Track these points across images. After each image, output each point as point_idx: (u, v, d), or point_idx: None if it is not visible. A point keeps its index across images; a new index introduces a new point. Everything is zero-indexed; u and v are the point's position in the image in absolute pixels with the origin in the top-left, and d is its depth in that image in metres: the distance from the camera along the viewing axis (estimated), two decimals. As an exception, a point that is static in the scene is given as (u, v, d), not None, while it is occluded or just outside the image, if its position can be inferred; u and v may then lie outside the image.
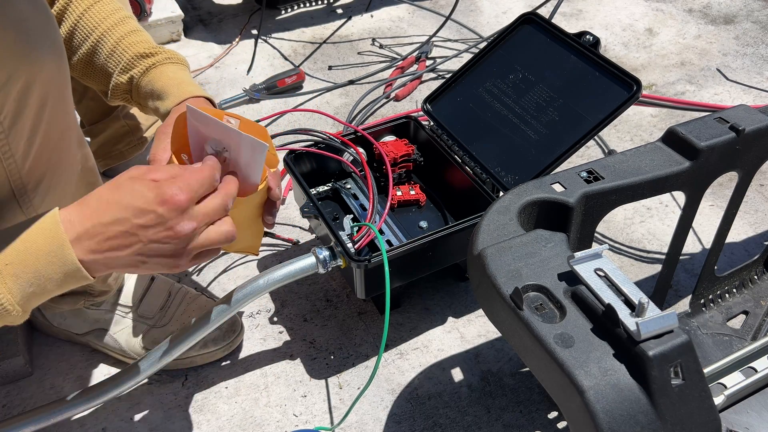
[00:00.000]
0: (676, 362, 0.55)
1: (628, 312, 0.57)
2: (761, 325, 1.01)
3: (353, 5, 1.92)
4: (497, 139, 1.06)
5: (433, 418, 0.93)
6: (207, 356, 0.98)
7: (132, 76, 0.81)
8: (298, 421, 0.93)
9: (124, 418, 0.93)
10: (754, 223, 1.24)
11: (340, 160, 1.06)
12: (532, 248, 0.66)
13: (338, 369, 0.99)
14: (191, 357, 0.97)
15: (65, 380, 0.97)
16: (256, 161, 0.66)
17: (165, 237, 0.58)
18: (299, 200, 1.08)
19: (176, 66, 0.82)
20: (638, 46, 1.75)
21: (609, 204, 0.76)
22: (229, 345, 0.99)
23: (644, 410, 0.54)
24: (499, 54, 1.13)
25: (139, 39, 0.82)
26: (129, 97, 0.83)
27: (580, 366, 0.55)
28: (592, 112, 0.98)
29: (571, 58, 1.04)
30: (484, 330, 1.05)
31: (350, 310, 1.08)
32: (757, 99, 1.55)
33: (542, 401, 0.94)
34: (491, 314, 0.67)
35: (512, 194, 0.73)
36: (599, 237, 1.21)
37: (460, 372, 0.99)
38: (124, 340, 0.95)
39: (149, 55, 0.81)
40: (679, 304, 1.09)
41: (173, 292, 1.00)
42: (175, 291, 1.00)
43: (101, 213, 0.57)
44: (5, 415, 0.93)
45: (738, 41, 1.76)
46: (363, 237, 0.90)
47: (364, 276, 0.89)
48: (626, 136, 1.45)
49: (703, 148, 0.79)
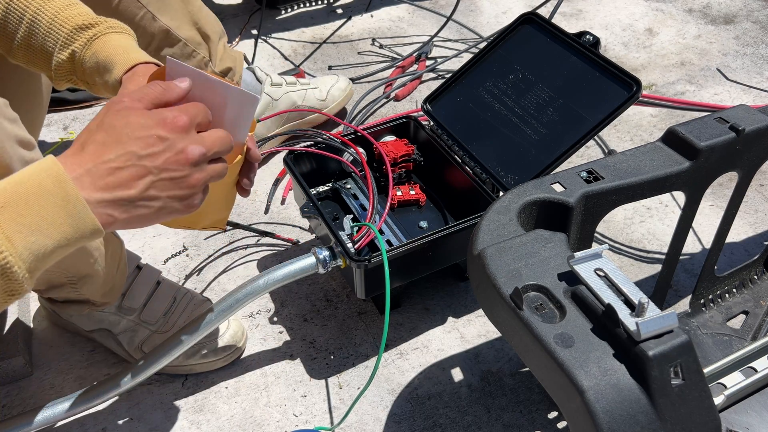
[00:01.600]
0: (676, 362, 0.55)
1: (628, 312, 0.57)
2: (761, 325, 1.01)
3: (353, 5, 1.92)
4: (497, 139, 1.06)
5: (433, 418, 0.93)
6: (206, 365, 0.97)
7: (73, 51, 0.73)
8: (298, 421, 0.93)
9: (124, 418, 0.93)
10: (754, 223, 1.24)
11: (340, 160, 1.06)
12: (532, 248, 0.66)
13: (338, 369, 0.99)
14: (191, 365, 0.96)
15: (65, 380, 0.97)
16: (245, 116, 0.60)
17: (175, 162, 0.54)
18: (299, 200, 1.08)
19: (120, 35, 0.74)
20: (638, 46, 1.75)
21: (609, 204, 0.76)
22: (229, 356, 0.98)
23: (644, 410, 0.54)
24: (499, 54, 1.13)
25: (77, 12, 0.74)
26: (74, 76, 0.76)
27: (580, 366, 0.55)
28: (592, 112, 0.98)
29: (571, 58, 1.04)
30: (484, 330, 1.05)
31: (350, 310, 1.08)
32: (757, 99, 1.55)
33: (542, 401, 0.94)
34: (491, 314, 0.67)
35: (512, 194, 0.73)
36: (599, 237, 1.21)
37: (460, 372, 0.99)
38: (126, 343, 0.95)
39: (89, 26, 0.73)
40: (679, 304, 1.09)
41: (178, 297, 0.98)
42: (180, 296, 0.98)
43: (102, 153, 0.52)
44: (5, 415, 0.93)
45: (738, 41, 1.76)
46: (363, 237, 0.90)
47: (364, 276, 0.89)
48: (626, 136, 1.45)
49: (703, 148, 0.79)
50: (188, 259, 1.16)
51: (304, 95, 1.39)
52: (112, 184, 0.52)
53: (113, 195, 0.52)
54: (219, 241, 1.20)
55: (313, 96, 1.40)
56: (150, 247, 1.18)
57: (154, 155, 0.53)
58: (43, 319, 1.05)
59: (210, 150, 0.56)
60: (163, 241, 1.19)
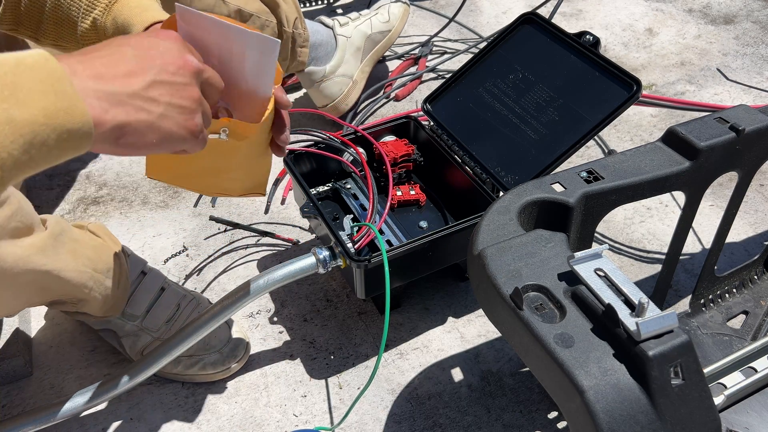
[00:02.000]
0: (676, 362, 0.55)
1: (628, 312, 0.57)
2: (761, 325, 1.01)
3: (353, 5, 1.92)
4: (497, 139, 1.06)
5: (433, 418, 0.93)
6: (205, 377, 0.96)
7: (95, 18, 0.70)
8: (298, 421, 0.93)
9: (124, 418, 0.93)
10: (754, 223, 1.24)
11: (340, 160, 1.06)
12: (532, 248, 0.66)
13: (338, 369, 0.99)
14: (190, 374, 0.95)
15: (65, 380, 0.97)
16: (267, 66, 0.54)
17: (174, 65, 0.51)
18: (299, 200, 1.08)
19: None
20: (638, 46, 1.75)
21: (609, 204, 0.76)
22: (228, 369, 0.97)
23: (644, 410, 0.54)
24: (499, 54, 1.13)
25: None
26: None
27: (580, 366, 0.55)
28: (592, 112, 0.98)
29: (571, 58, 1.04)
30: (484, 330, 1.05)
31: (350, 310, 1.08)
32: (757, 99, 1.55)
33: (542, 401, 0.94)
34: (491, 314, 0.67)
35: (512, 194, 0.73)
36: (599, 237, 1.21)
37: (460, 372, 0.99)
38: (128, 347, 0.95)
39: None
40: (679, 304, 1.09)
41: (183, 304, 0.96)
42: (185, 303, 0.97)
43: (97, 50, 0.48)
44: (5, 415, 0.93)
45: (738, 41, 1.76)
46: (363, 237, 0.90)
47: (364, 276, 0.89)
48: (626, 136, 1.45)
49: (703, 148, 0.79)
50: (188, 259, 1.16)
51: (371, 24, 1.46)
52: (110, 75, 0.46)
53: (111, 86, 0.46)
54: (219, 241, 1.20)
55: (378, 21, 1.47)
56: (150, 247, 1.18)
57: (153, 57, 0.49)
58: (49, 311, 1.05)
59: (206, 70, 0.53)
60: (163, 241, 1.19)
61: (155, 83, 0.49)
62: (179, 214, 1.25)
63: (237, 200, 1.28)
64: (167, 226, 1.22)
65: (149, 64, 0.49)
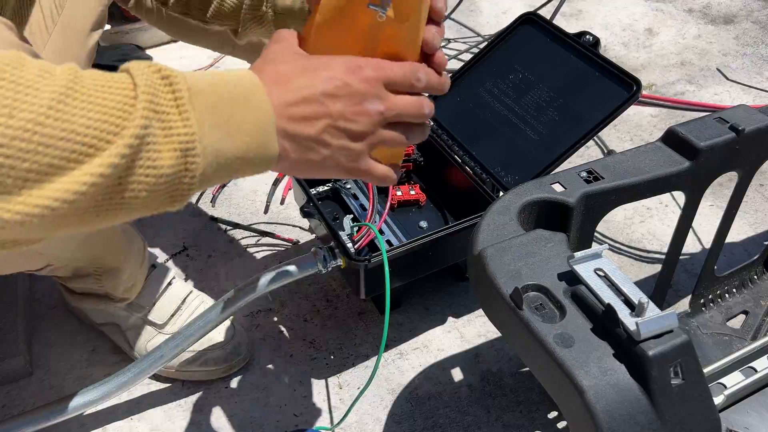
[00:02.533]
0: (676, 362, 0.55)
1: (628, 312, 0.57)
2: (761, 325, 1.01)
3: (353, 5, 1.92)
4: (497, 139, 1.06)
5: (433, 418, 0.93)
6: (206, 374, 0.96)
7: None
8: (298, 421, 0.93)
9: (124, 418, 0.93)
10: (754, 223, 1.24)
11: (340, 160, 1.05)
12: (532, 248, 0.66)
13: (338, 369, 0.99)
14: (191, 371, 0.96)
15: (65, 380, 0.97)
16: None
17: (352, 112, 0.50)
18: (299, 200, 1.08)
19: None
20: (638, 46, 1.75)
21: (609, 204, 0.76)
22: (230, 367, 0.97)
23: (644, 410, 0.54)
24: (499, 54, 1.13)
25: None
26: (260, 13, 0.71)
27: (580, 366, 0.55)
28: (592, 112, 0.98)
29: (571, 58, 1.04)
30: (484, 330, 1.05)
31: (350, 310, 1.08)
32: (757, 99, 1.55)
33: (542, 401, 0.94)
34: (491, 314, 0.67)
35: (512, 194, 0.73)
36: (599, 237, 1.21)
37: (459, 372, 0.99)
38: (132, 340, 0.95)
39: None
40: (679, 304, 1.09)
41: (189, 299, 0.98)
42: (192, 298, 0.98)
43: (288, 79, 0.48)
44: (5, 415, 0.93)
45: (738, 41, 1.76)
46: (363, 237, 0.90)
47: (364, 276, 0.89)
48: (626, 136, 1.45)
49: (703, 148, 0.79)
50: (188, 259, 1.16)
51: None
52: (297, 116, 0.48)
53: (295, 129, 0.48)
54: (219, 240, 1.20)
55: None
56: (150, 246, 1.18)
57: (335, 98, 0.49)
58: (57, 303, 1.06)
59: (391, 110, 0.51)
60: (163, 241, 1.19)
61: (330, 127, 0.50)
62: (179, 213, 1.25)
63: (237, 200, 1.28)
64: (167, 225, 1.23)
65: (331, 108, 0.49)
